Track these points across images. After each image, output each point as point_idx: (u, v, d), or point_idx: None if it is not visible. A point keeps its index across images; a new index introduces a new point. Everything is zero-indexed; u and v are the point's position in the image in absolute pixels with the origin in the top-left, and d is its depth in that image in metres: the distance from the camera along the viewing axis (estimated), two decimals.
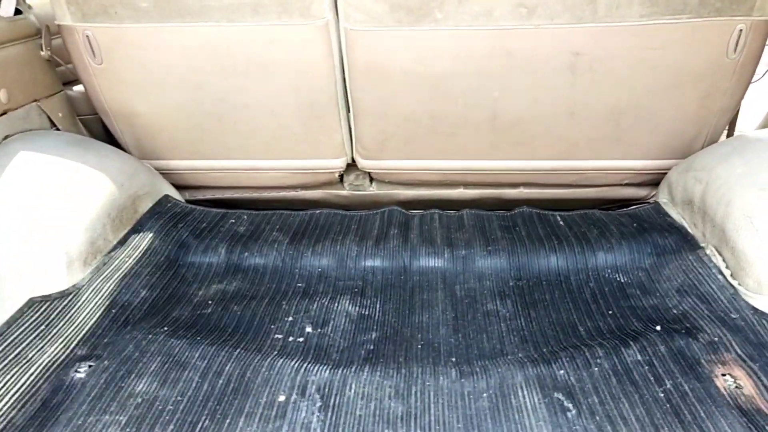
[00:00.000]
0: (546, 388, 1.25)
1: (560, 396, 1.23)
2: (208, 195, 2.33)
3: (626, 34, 1.76)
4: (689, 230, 1.77)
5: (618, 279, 1.69)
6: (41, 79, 1.96)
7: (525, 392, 1.24)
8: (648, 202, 2.05)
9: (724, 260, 1.59)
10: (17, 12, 1.89)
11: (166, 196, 2.06)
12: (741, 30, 1.74)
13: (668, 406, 1.20)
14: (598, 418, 1.18)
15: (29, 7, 2.00)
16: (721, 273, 1.56)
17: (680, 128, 1.97)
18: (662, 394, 1.22)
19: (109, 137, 2.18)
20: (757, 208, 1.54)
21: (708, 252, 1.64)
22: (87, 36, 1.86)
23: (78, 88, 2.21)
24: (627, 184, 2.18)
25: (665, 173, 2.05)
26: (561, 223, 1.92)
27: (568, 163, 2.10)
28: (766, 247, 1.47)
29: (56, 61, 2.03)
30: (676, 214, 1.87)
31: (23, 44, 1.90)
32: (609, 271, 1.72)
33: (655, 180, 2.13)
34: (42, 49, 1.96)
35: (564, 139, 2.02)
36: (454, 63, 1.84)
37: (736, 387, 1.23)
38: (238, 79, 1.93)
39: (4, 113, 1.77)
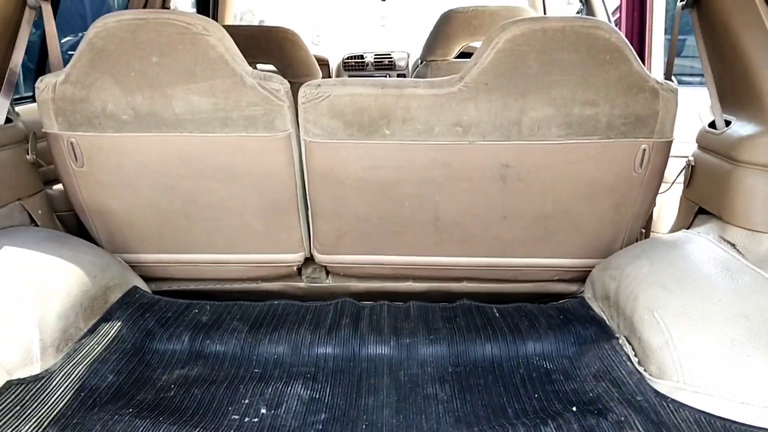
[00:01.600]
0: None
1: None
2: (174, 286, 2.49)
3: (547, 151, 2.04)
4: (607, 322, 1.99)
5: (545, 366, 1.88)
6: (25, 180, 2.15)
7: None
8: (576, 297, 2.28)
9: (633, 349, 1.80)
10: (8, 120, 2.10)
11: (135, 288, 2.22)
12: (644, 149, 2.04)
13: None
14: None
15: (17, 114, 2.21)
16: (630, 360, 1.77)
17: (600, 232, 2.24)
18: None
19: (82, 232, 2.35)
20: (659, 302, 1.77)
21: (621, 342, 1.86)
22: (71, 143, 2.07)
23: (57, 187, 2.39)
24: (558, 280, 2.42)
25: (590, 271, 2.30)
26: (497, 315, 2.12)
27: (504, 260, 2.33)
28: (665, 337, 1.69)
29: (39, 163, 2.22)
30: (597, 308, 2.10)
31: (12, 149, 2.09)
32: (537, 358, 1.91)
33: (582, 277, 2.36)
34: (28, 153, 2.16)
35: (499, 239, 2.26)
36: (400, 172, 2.10)
37: None
38: (207, 182, 2.15)
39: None
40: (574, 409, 1.63)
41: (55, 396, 1.62)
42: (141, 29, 1.94)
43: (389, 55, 5.44)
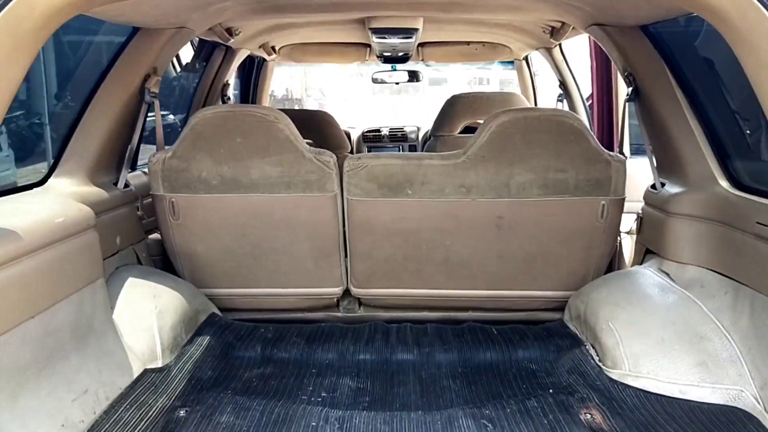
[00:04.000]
0: (476, 418, 2.03)
1: (485, 421, 2.01)
2: (237, 316, 3.11)
3: (530, 206, 2.71)
4: (579, 335, 2.61)
5: (531, 367, 2.50)
6: (135, 230, 2.83)
7: (463, 420, 2.02)
8: (557, 321, 2.91)
9: (595, 351, 2.43)
10: (126, 185, 2.79)
11: (214, 313, 2.86)
12: (604, 204, 2.71)
13: (556, 427, 1.98)
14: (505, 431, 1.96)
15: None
16: (593, 359, 2.39)
17: (574, 269, 2.88)
18: (545, 421, 2.01)
19: (170, 271, 3.00)
20: (612, 315, 2.41)
21: (587, 347, 2.48)
22: (172, 201, 2.75)
23: (152, 237, 3.06)
24: (544, 309, 3.04)
25: (567, 300, 2.93)
26: (495, 332, 2.75)
27: (501, 293, 2.96)
28: (617, 340, 2.31)
29: (143, 217, 2.90)
30: (572, 326, 2.73)
31: (128, 206, 2.78)
32: (525, 361, 2.53)
33: (563, 306, 2.98)
34: (138, 210, 2.84)
35: (496, 275, 2.90)
36: (419, 222, 2.77)
37: (591, 418, 2.03)
38: (271, 231, 2.82)
39: (117, 252, 2.61)
40: (551, 391, 2.25)
41: (175, 381, 2.25)
42: (230, 118, 2.66)
43: (402, 129, 6.22)
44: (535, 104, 5.17)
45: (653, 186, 2.78)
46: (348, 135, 5.68)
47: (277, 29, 4.03)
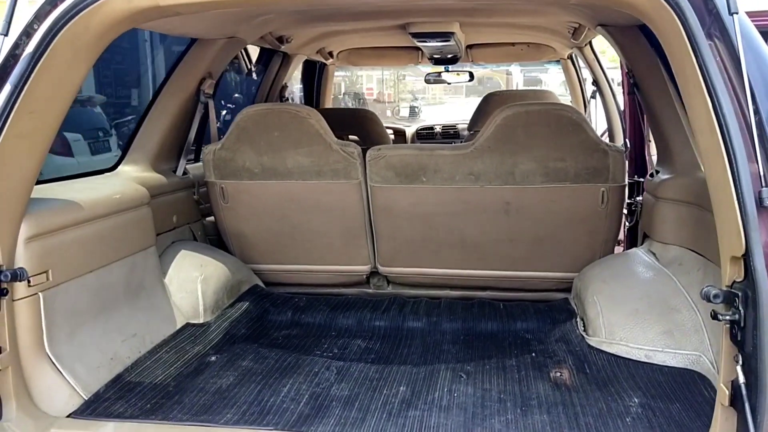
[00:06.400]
0: (455, 371, 2.33)
1: (462, 374, 2.32)
2: (279, 290, 3.54)
3: (535, 192, 2.97)
4: (575, 310, 2.85)
5: (527, 336, 2.76)
6: (192, 212, 3.31)
7: (443, 373, 2.33)
8: (563, 299, 3.15)
9: (583, 322, 2.67)
10: (184, 172, 3.28)
11: (256, 285, 3.30)
12: (603, 191, 2.93)
13: (524, 380, 2.26)
14: (491, 385, 2.25)
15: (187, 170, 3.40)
16: (578, 329, 2.63)
17: (580, 251, 3.10)
18: (517, 376, 2.29)
19: (223, 249, 3.46)
20: (597, 290, 2.65)
21: (577, 319, 2.72)
22: (222, 187, 3.21)
23: (208, 219, 3.54)
24: (555, 290, 3.27)
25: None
26: (501, 307, 3.03)
27: (514, 273, 3.23)
28: (598, 311, 2.55)
29: (200, 201, 3.38)
30: (572, 303, 2.96)
31: (186, 191, 3.26)
32: (522, 332, 2.80)
33: (570, 287, 3.22)
34: (194, 194, 3.33)
35: (508, 256, 3.17)
36: (435, 207, 3.08)
37: (560, 375, 2.29)
38: (306, 214, 3.22)
39: (175, 228, 3.10)
40: (534, 354, 2.52)
41: (212, 335, 2.69)
42: (269, 115, 3.09)
43: (454, 126, 6.53)
44: (585, 103, 5.32)
45: (651, 174, 2.97)
46: (403, 132, 6.04)
47: (329, 36, 4.44)
